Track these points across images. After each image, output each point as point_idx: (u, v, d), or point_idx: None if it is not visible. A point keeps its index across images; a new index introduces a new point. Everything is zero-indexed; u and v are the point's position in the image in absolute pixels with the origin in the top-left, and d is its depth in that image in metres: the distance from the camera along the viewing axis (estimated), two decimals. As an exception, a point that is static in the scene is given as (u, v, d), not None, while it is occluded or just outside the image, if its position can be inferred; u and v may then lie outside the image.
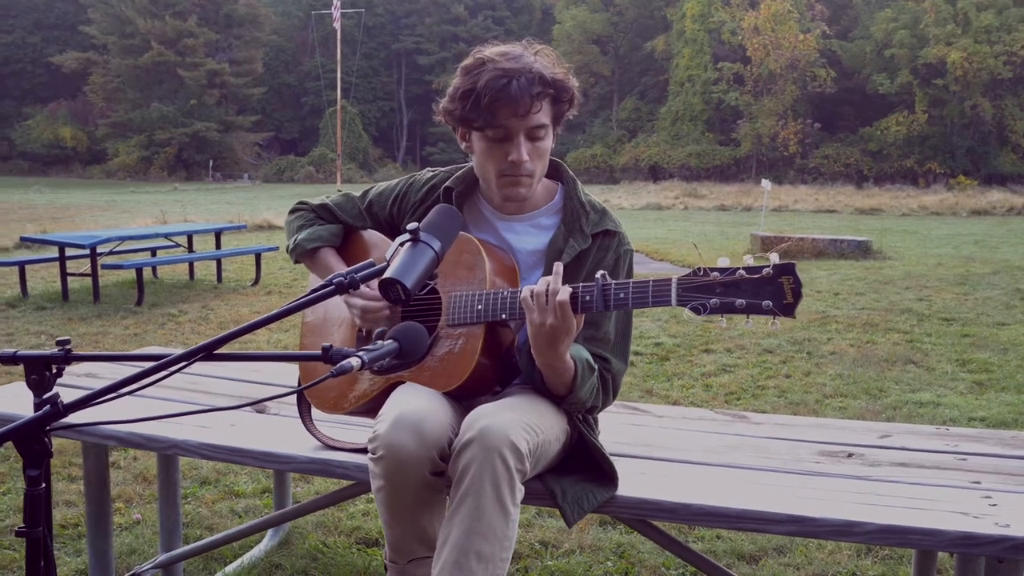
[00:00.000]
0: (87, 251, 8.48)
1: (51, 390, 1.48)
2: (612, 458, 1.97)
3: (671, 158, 44.17)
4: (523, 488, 1.76)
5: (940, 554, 2.40)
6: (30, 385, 1.51)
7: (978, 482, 1.92)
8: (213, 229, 10.97)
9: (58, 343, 1.55)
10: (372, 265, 1.51)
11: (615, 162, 46.60)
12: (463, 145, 2.02)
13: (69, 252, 8.68)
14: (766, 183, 16.08)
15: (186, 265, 10.34)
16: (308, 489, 3.78)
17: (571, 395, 1.90)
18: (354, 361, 1.32)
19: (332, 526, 3.36)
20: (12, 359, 1.54)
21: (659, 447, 2.19)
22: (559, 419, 1.96)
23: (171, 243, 10.60)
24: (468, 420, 1.77)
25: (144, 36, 48.60)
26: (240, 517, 3.44)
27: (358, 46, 49.78)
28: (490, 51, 1.93)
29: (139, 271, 8.52)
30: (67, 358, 1.54)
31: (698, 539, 3.28)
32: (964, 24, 39.40)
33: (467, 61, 1.94)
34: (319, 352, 1.38)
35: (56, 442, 4.16)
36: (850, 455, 2.09)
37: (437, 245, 1.56)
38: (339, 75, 40.66)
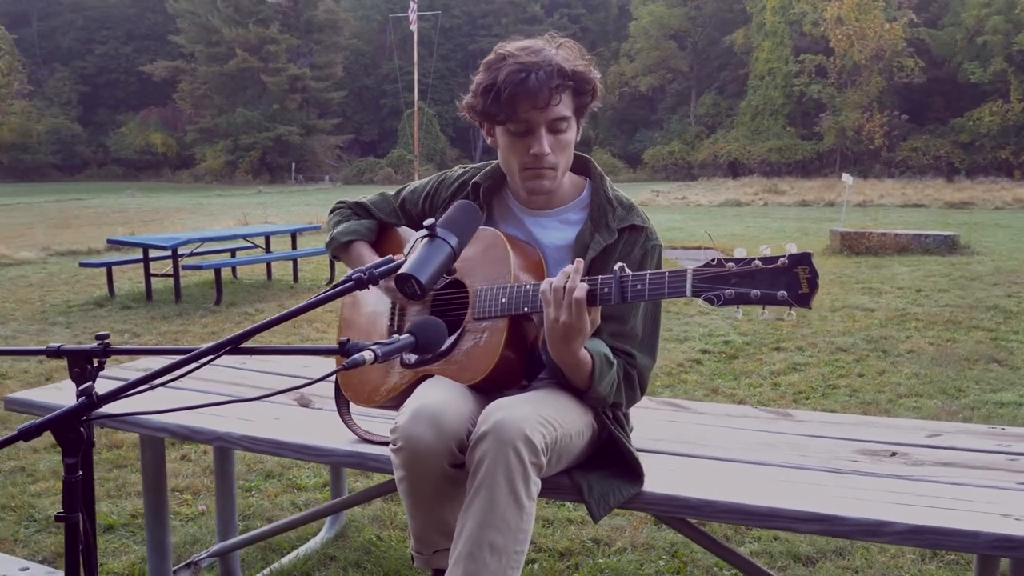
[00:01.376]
0: (169, 252, 8.80)
1: (93, 382, 1.55)
2: (646, 454, 1.96)
3: (751, 153, 43.37)
4: (539, 482, 1.77)
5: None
6: (73, 378, 1.59)
7: (1026, 483, 1.84)
8: (289, 230, 11.25)
9: (97, 338, 1.62)
10: (392, 260, 1.54)
11: (693, 159, 45.99)
12: (489, 140, 2.04)
13: (153, 254, 9.02)
14: (847, 177, 15.67)
15: (264, 265, 10.62)
16: (367, 484, 3.85)
17: (590, 390, 1.90)
18: (367, 355, 1.35)
19: (388, 520, 3.41)
20: (57, 353, 1.63)
21: (695, 444, 2.16)
22: (582, 413, 1.95)
23: (250, 244, 10.89)
24: (484, 413, 1.78)
25: (229, 44, 50.08)
26: (300, 510, 3.52)
27: (435, 48, 50.37)
28: (511, 46, 1.95)
29: (218, 271, 8.80)
30: (106, 352, 1.62)
31: (754, 539, 3.22)
32: (1063, 7, 37.66)
33: (489, 57, 1.97)
34: (336, 346, 1.41)
35: (131, 436, 4.34)
36: (893, 454, 2.02)
37: (454, 241, 1.58)
38: (416, 77, 41.12)
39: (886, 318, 7.41)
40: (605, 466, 1.96)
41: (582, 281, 1.78)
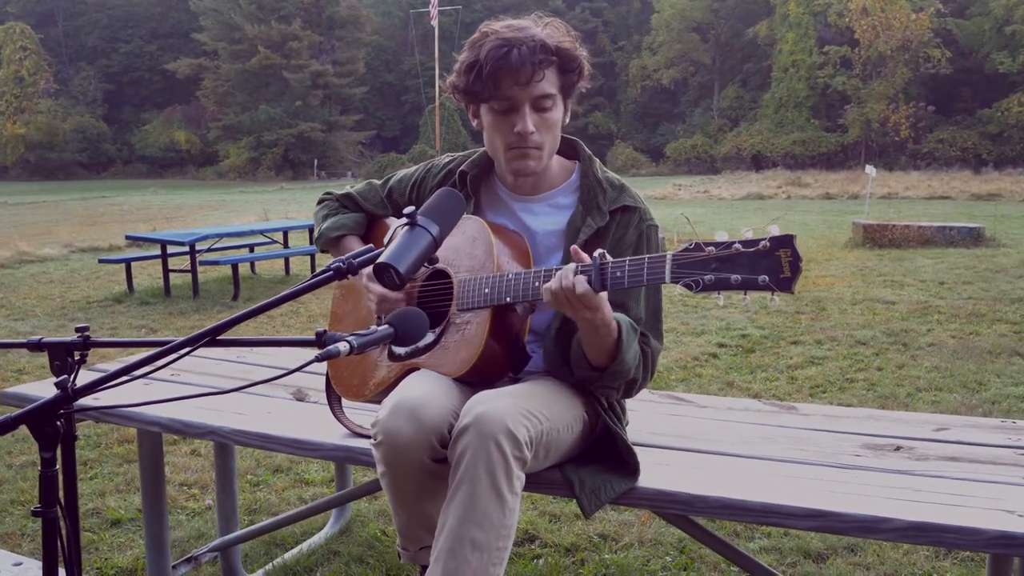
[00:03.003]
0: (187, 248, 8.83)
1: (72, 375, 1.52)
2: (641, 448, 1.92)
3: (774, 146, 42.96)
4: (523, 476, 1.73)
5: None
6: (54, 371, 1.57)
7: (1035, 479, 1.77)
8: (308, 226, 11.23)
9: (77, 330, 1.60)
10: (372, 250, 1.50)
11: (716, 152, 45.59)
12: (475, 123, 2.01)
13: (171, 249, 9.05)
14: (870, 169, 15.49)
15: (282, 260, 10.64)
16: (375, 477, 3.83)
17: (616, 360, 1.82)
18: (342, 346, 1.31)
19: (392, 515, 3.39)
20: (37, 346, 1.61)
21: (694, 438, 2.11)
22: (571, 407, 1.91)
23: (268, 240, 10.92)
24: (466, 406, 1.74)
25: (252, 41, 50.28)
26: (306, 504, 3.51)
27: (456, 43, 50.28)
28: (497, 24, 1.92)
29: (235, 267, 8.82)
30: (86, 344, 1.60)
31: (764, 535, 3.16)
32: (1093, -5, 36.94)
33: (474, 35, 1.94)
34: (312, 338, 1.38)
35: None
36: (898, 448, 1.96)
37: (435, 229, 1.53)
38: (437, 72, 41.16)
39: (907, 311, 7.30)
40: (598, 460, 1.91)
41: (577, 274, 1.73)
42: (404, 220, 1.54)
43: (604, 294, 1.73)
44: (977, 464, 1.87)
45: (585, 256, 1.74)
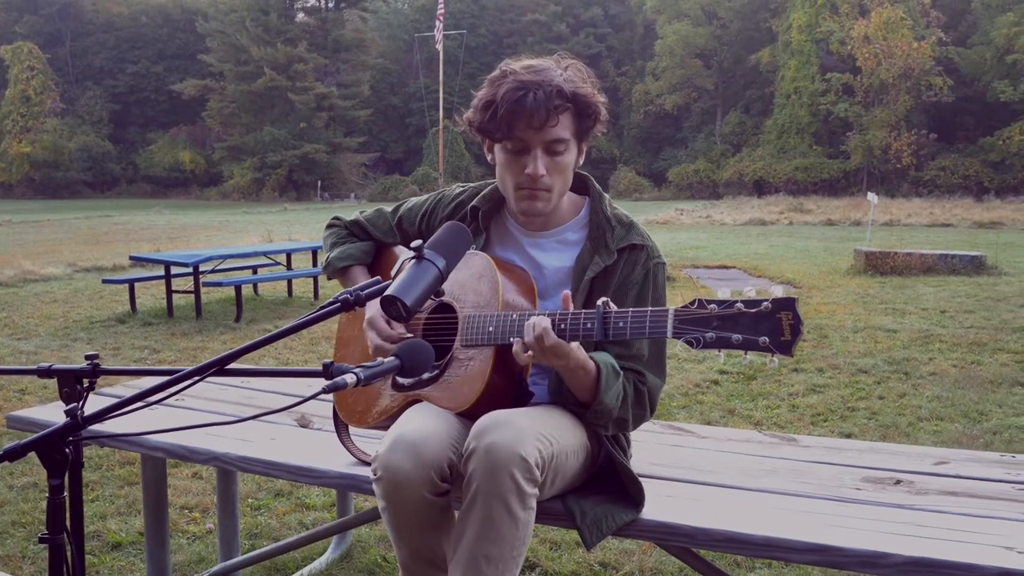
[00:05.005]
0: (191, 269, 8.85)
1: (80, 403, 1.54)
2: (643, 479, 1.92)
3: (777, 172, 43.13)
4: (536, 491, 1.75)
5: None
6: (63, 398, 1.58)
7: (1034, 514, 1.78)
8: (311, 247, 11.28)
9: (87, 358, 1.62)
10: (380, 282, 1.53)
11: (718, 177, 45.79)
12: (489, 157, 2.03)
13: (175, 270, 9.08)
14: (872, 196, 15.53)
15: (285, 282, 10.66)
16: (375, 504, 3.83)
17: (595, 400, 1.85)
18: (348, 378, 1.33)
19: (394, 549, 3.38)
20: (46, 373, 1.62)
21: (695, 469, 2.12)
22: (577, 432, 1.92)
23: (271, 261, 10.94)
24: (477, 428, 1.76)
25: (257, 63, 50.63)
26: (308, 529, 3.50)
27: (460, 66, 50.63)
28: (517, 64, 1.93)
29: (238, 288, 8.84)
30: (95, 372, 1.61)
31: (765, 564, 3.16)
32: (1094, 26, 37.19)
33: (493, 72, 1.95)
34: (319, 369, 1.40)
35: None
36: (898, 482, 1.97)
37: (441, 263, 1.56)
38: (441, 95, 41.45)
39: (909, 339, 7.30)
40: (600, 491, 1.92)
41: (551, 317, 1.76)
42: (411, 254, 1.56)
43: (576, 343, 1.77)
44: (976, 499, 1.89)
45: (571, 304, 1.77)
